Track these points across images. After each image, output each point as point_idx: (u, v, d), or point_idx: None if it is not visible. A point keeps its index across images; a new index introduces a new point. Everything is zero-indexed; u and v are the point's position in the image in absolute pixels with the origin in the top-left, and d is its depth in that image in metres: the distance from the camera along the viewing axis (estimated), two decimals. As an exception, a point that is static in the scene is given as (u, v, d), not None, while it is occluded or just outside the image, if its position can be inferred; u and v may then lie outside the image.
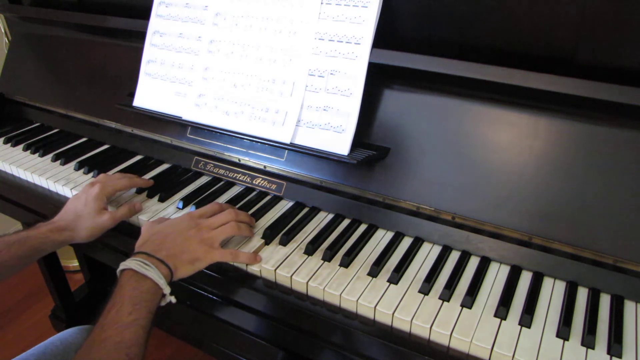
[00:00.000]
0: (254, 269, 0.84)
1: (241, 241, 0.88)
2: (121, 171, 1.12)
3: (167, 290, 0.74)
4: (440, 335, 0.70)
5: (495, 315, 0.72)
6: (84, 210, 0.92)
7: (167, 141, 1.16)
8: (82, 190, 0.96)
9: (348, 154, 0.89)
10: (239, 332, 1.40)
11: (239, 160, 1.06)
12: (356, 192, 0.93)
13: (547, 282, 0.78)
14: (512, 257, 0.81)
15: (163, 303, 0.76)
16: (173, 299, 0.76)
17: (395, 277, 0.79)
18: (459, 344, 0.69)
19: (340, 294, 0.76)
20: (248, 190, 1.03)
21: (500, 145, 0.83)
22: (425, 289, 0.77)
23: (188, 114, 1.06)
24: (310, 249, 0.85)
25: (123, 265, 0.74)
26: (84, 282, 1.86)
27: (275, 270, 0.81)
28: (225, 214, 0.87)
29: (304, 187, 0.98)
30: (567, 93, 0.74)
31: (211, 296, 0.90)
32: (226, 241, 0.86)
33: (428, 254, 0.85)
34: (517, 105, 0.82)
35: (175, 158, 1.14)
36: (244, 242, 0.87)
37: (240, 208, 0.96)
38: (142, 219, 0.96)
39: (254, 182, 1.03)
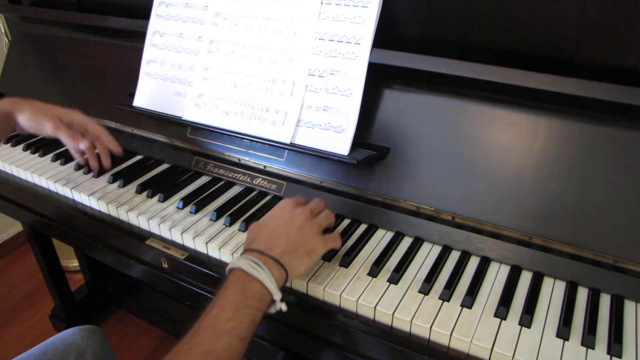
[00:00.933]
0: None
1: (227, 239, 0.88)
2: (121, 171, 1.12)
3: (277, 295, 0.67)
4: (440, 335, 0.70)
5: (495, 315, 0.72)
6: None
7: (167, 141, 1.16)
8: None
9: (348, 154, 0.89)
10: (239, 332, 1.40)
11: (239, 160, 1.06)
12: (356, 192, 0.93)
13: (547, 282, 0.78)
14: (512, 257, 0.81)
15: (272, 310, 0.68)
16: (284, 307, 0.68)
17: (395, 277, 0.79)
18: (459, 343, 0.69)
19: (340, 294, 0.76)
20: (248, 190, 1.03)
21: (500, 145, 0.83)
22: (425, 289, 0.77)
23: (188, 114, 1.06)
24: (310, 249, 0.85)
25: (232, 264, 0.68)
26: (84, 282, 1.86)
27: (275, 270, 0.81)
28: (318, 201, 0.83)
29: (304, 187, 0.98)
30: (567, 93, 0.74)
31: (211, 296, 0.90)
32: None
33: (428, 254, 0.85)
34: (517, 105, 0.82)
35: (175, 158, 1.14)
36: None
37: (240, 208, 0.96)
38: (142, 219, 0.96)
39: (254, 182, 1.03)
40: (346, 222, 0.93)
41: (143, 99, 1.14)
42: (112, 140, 1.02)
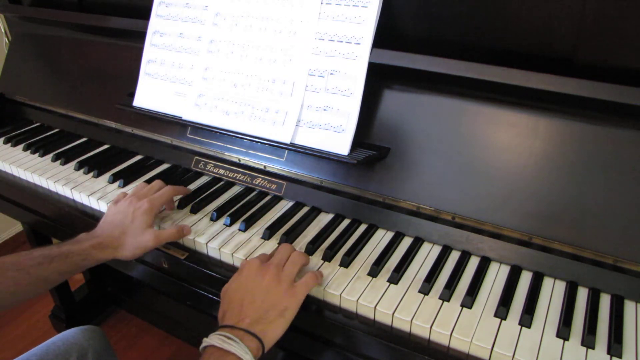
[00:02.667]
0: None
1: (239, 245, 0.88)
2: (121, 171, 1.12)
3: None
4: (440, 335, 0.70)
5: (495, 315, 0.72)
6: (129, 227, 0.85)
7: (167, 141, 1.16)
8: (127, 202, 0.88)
9: (348, 154, 0.89)
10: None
11: (239, 160, 1.06)
12: (356, 192, 0.93)
13: (547, 282, 0.78)
14: (512, 257, 0.81)
15: None
16: None
17: (395, 277, 0.79)
18: (459, 344, 0.69)
19: (340, 294, 0.76)
20: (248, 190, 1.03)
21: (500, 145, 0.83)
22: (425, 289, 0.77)
23: (188, 114, 1.06)
24: (310, 249, 0.85)
25: (205, 342, 0.67)
26: (84, 282, 1.86)
27: (275, 270, 0.81)
28: (285, 247, 0.80)
29: (304, 187, 0.98)
30: (567, 93, 0.74)
31: (211, 296, 0.90)
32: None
33: (428, 254, 0.85)
34: (517, 105, 0.82)
35: (175, 158, 1.14)
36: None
37: (240, 208, 0.96)
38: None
39: (254, 182, 1.03)
40: (346, 222, 0.93)
41: (143, 99, 1.14)
42: (179, 190, 0.98)
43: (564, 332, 0.69)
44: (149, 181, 1.07)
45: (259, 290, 0.72)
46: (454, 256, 0.84)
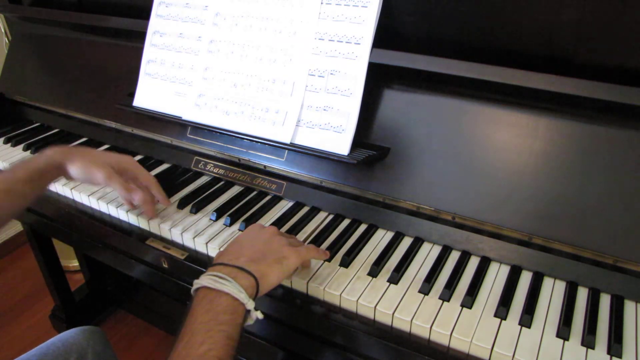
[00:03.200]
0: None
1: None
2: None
3: (250, 304, 0.62)
4: (440, 335, 0.70)
5: (496, 315, 0.72)
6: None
7: (167, 141, 1.16)
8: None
9: (348, 154, 0.89)
10: (239, 332, 1.40)
11: (239, 160, 1.06)
12: (356, 192, 0.93)
13: (547, 282, 0.78)
14: (512, 257, 0.81)
15: (250, 322, 0.64)
16: (259, 315, 0.64)
17: (395, 277, 0.79)
18: (459, 343, 0.69)
19: (340, 294, 0.76)
20: (248, 190, 1.03)
21: (500, 145, 0.83)
22: (425, 289, 0.77)
23: (188, 114, 1.06)
24: (310, 249, 0.85)
25: (196, 284, 0.63)
26: (84, 282, 1.86)
27: (275, 270, 0.81)
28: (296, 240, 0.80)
29: (304, 187, 0.98)
30: (567, 93, 0.74)
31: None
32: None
33: (428, 254, 0.85)
34: (517, 105, 0.82)
35: (175, 158, 1.14)
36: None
37: (240, 208, 0.96)
38: (142, 219, 0.96)
39: (254, 182, 1.03)
40: (346, 222, 0.93)
41: (143, 99, 1.14)
42: (161, 192, 0.96)
43: (564, 332, 0.69)
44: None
45: (260, 239, 0.72)
46: (454, 256, 0.84)
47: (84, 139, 1.29)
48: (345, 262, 0.82)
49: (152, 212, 0.94)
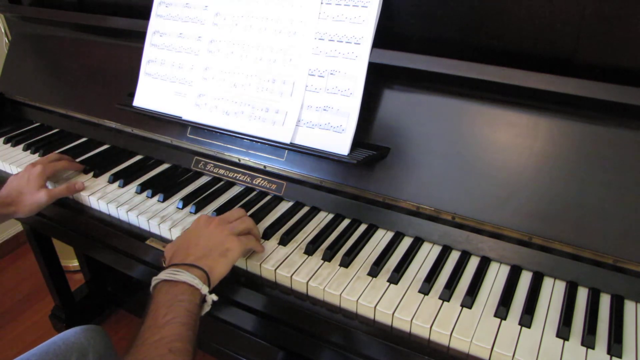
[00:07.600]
0: (253, 269, 0.84)
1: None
2: (121, 171, 1.12)
3: (204, 290, 0.70)
4: (440, 335, 0.70)
5: (495, 315, 0.72)
6: (25, 188, 1.00)
7: (167, 141, 1.16)
8: (25, 169, 1.05)
9: (348, 154, 0.89)
10: (239, 332, 1.41)
11: (239, 160, 1.06)
12: (356, 192, 0.93)
13: (547, 282, 0.78)
14: (512, 257, 0.81)
15: (207, 307, 0.72)
16: (214, 297, 0.72)
17: (395, 277, 0.79)
18: (459, 343, 0.69)
19: (340, 294, 0.76)
20: (248, 190, 1.03)
21: (500, 145, 0.83)
22: (425, 289, 0.77)
23: (188, 114, 1.06)
24: (310, 249, 0.85)
25: (155, 280, 0.71)
26: (84, 282, 1.86)
27: (275, 270, 0.81)
28: (237, 210, 0.88)
29: (304, 187, 0.98)
30: (567, 93, 0.74)
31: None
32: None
33: (428, 254, 0.85)
34: (517, 105, 0.82)
35: (175, 158, 1.14)
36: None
37: (240, 208, 0.96)
38: (142, 218, 0.96)
39: (254, 182, 1.03)
40: (346, 222, 0.93)
41: (143, 99, 1.14)
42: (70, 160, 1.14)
43: (564, 332, 0.69)
44: (148, 181, 1.07)
45: (204, 236, 0.79)
46: (454, 256, 0.84)
47: (84, 139, 1.29)
48: (345, 262, 0.82)
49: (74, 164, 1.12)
